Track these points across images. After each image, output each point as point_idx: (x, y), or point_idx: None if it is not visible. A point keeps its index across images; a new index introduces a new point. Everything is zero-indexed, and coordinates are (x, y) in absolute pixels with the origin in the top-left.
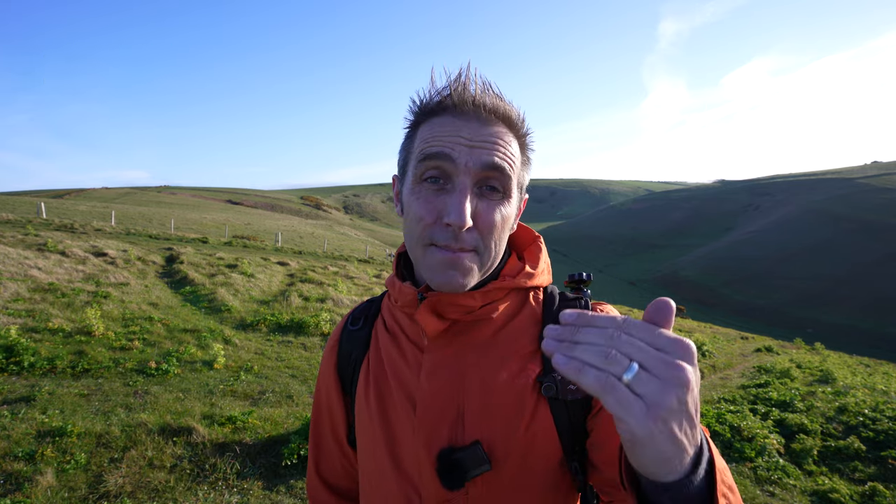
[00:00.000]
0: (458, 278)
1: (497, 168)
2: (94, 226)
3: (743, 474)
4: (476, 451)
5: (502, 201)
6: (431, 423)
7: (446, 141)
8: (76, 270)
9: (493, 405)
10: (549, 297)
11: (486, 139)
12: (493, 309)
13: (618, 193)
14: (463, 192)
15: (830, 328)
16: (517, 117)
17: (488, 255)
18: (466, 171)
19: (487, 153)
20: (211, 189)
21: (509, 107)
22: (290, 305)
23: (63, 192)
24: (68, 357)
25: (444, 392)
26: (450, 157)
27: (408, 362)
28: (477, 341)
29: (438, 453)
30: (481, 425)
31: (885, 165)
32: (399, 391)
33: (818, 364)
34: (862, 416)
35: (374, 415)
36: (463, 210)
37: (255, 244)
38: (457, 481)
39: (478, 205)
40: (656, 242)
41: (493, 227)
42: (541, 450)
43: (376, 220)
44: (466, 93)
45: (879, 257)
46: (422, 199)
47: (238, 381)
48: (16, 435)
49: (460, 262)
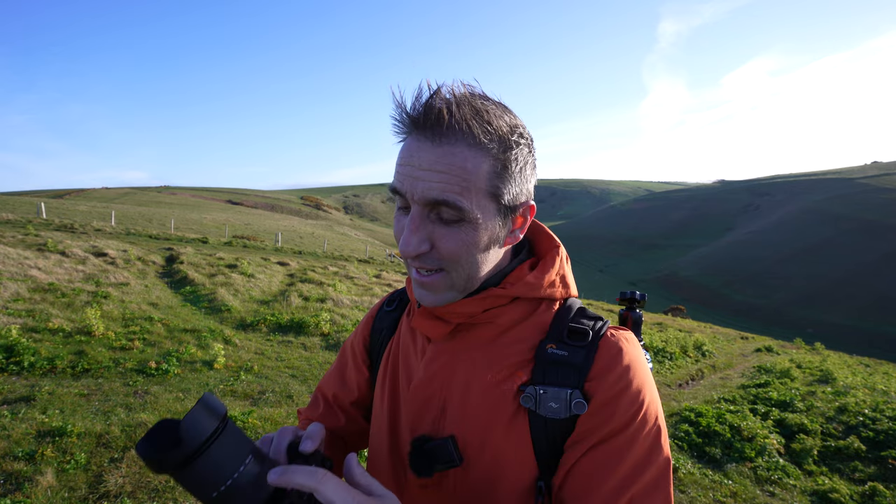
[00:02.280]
0: (429, 297)
1: (439, 198)
2: (94, 226)
3: (743, 474)
4: (446, 446)
5: (461, 226)
6: (417, 410)
7: (402, 171)
8: (76, 270)
9: (472, 404)
10: (564, 309)
11: (432, 166)
12: (496, 314)
13: (618, 193)
14: (412, 221)
15: (830, 328)
16: (486, 129)
17: (458, 275)
18: (415, 200)
19: (429, 183)
20: (211, 189)
21: (475, 118)
22: (290, 305)
23: (63, 192)
24: (68, 357)
25: (433, 383)
26: (400, 191)
27: (416, 351)
28: (478, 341)
29: (412, 440)
30: (459, 421)
31: (885, 165)
32: (405, 376)
33: (818, 364)
34: (862, 416)
35: (386, 394)
36: (408, 241)
37: (255, 244)
38: (424, 469)
39: (435, 231)
40: (656, 242)
41: (453, 252)
42: (513, 460)
43: (376, 221)
44: (421, 112)
45: (879, 257)
46: (396, 221)
47: (238, 381)
48: (16, 435)
49: (429, 283)
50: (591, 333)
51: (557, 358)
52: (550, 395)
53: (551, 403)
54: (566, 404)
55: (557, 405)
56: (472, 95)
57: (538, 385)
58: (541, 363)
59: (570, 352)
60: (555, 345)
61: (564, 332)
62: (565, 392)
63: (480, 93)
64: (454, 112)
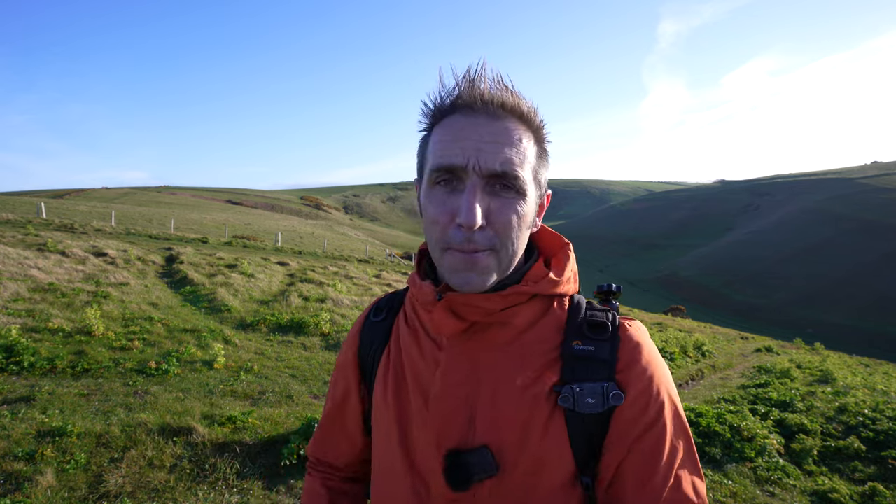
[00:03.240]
0: (476, 279)
1: (505, 168)
2: (94, 226)
3: (743, 474)
4: (483, 455)
5: (517, 199)
6: (442, 421)
7: (455, 146)
8: (76, 270)
9: (505, 411)
10: (575, 305)
11: (494, 138)
12: (513, 313)
13: (618, 193)
14: (472, 191)
15: (830, 328)
16: (529, 110)
17: (506, 253)
18: (475, 172)
19: (495, 154)
20: (211, 189)
21: (520, 100)
22: (290, 305)
23: (63, 192)
24: (68, 357)
25: (457, 392)
26: (458, 164)
27: (425, 358)
28: (495, 344)
29: (446, 453)
30: (492, 430)
31: (885, 165)
32: (415, 386)
33: (818, 364)
34: (862, 416)
35: (391, 407)
36: (473, 210)
37: (255, 244)
38: (462, 483)
39: (490, 203)
40: (656, 242)
41: (508, 225)
42: (552, 461)
43: (376, 221)
44: (475, 90)
45: (879, 257)
46: (436, 201)
47: (238, 381)
48: (16, 435)
49: (477, 262)
50: (610, 326)
51: (585, 354)
52: (587, 391)
53: (588, 399)
54: (603, 398)
55: (594, 400)
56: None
57: (572, 383)
58: (569, 361)
59: (596, 346)
60: (580, 341)
61: (584, 326)
62: (601, 386)
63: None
64: (506, 93)
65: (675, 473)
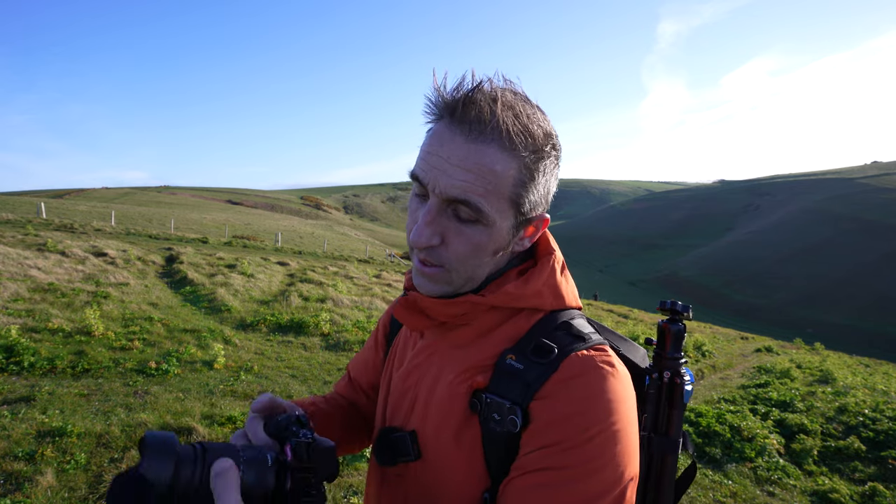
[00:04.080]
0: (429, 286)
1: (466, 196)
2: (94, 226)
3: (743, 474)
4: (405, 440)
5: (476, 227)
6: (395, 401)
7: (427, 160)
8: (76, 270)
9: (433, 403)
10: (544, 321)
11: (461, 163)
12: (473, 318)
13: (618, 193)
14: (428, 213)
15: (830, 328)
16: (521, 133)
17: (458, 276)
18: (434, 194)
19: (455, 179)
20: (211, 189)
21: (515, 121)
22: (290, 305)
23: (63, 192)
24: (68, 357)
25: (410, 377)
26: (422, 179)
27: (410, 344)
28: (457, 341)
29: (381, 429)
30: (421, 418)
31: (885, 165)
32: (397, 365)
33: (818, 364)
34: (862, 416)
35: (384, 381)
36: (420, 232)
37: (255, 244)
38: (387, 459)
39: (448, 227)
40: (656, 242)
41: (460, 252)
42: (464, 465)
43: (376, 221)
44: (458, 104)
45: (879, 257)
46: (410, 207)
47: (238, 381)
48: (16, 435)
49: (429, 274)
50: (557, 351)
51: (512, 370)
52: (494, 405)
53: (494, 415)
54: (504, 419)
55: (500, 417)
56: (514, 96)
57: (489, 393)
58: (497, 372)
59: (526, 366)
60: (515, 356)
61: (531, 346)
62: (506, 405)
63: (523, 94)
64: (496, 112)
65: None
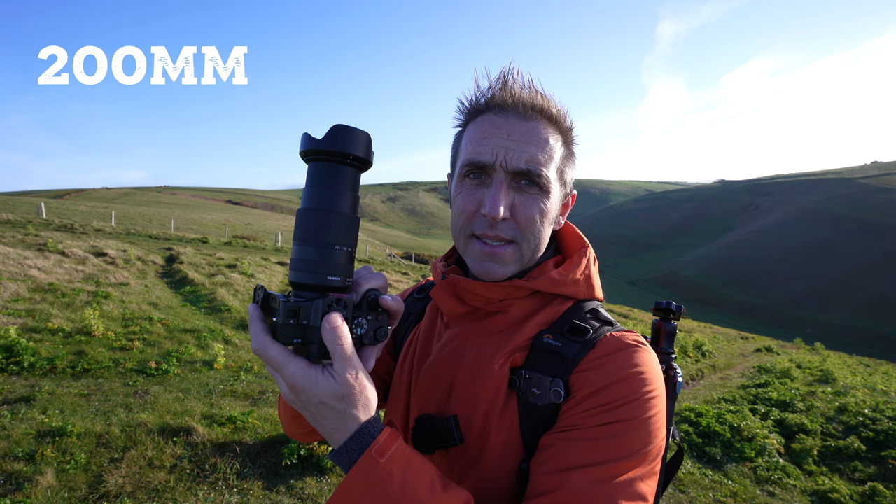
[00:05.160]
0: (497, 269)
1: (530, 166)
2: (94, 226)
3: (743, 474)
4: (448, 425)
5: (540, 196)
6: (427, 389)
7: (485, 143)
8: (76, 270)
9: (475, 386)
10: (576, 307)
11: (522, 137)
12: (511, 304)
13: (618, 193)
14: (498, 186)
15: (830, 328)
16: (558, 112)
17: (528, 246)
18: (502, 168)
19: (521, 152)
20: (211, 189)
21: (550, 102)
22: None
23: (63, 193)
24: (68, 357)
25: (444, 364)
26: (486, 161)
27: (432, 334)
28: (490, 329)
29: (417, 418)
30: (462, 402)
31: (885, 165)
32: (422, 358)
33: (818, 364)
34: (862, 416)
35: (405, 374)
36: (497, 202)
37: (255, 244)
38: (426, 447)
39: (515, 199)
40: (656, 242)
41: (529, 220)
42: (504, 441)
43: (376, 220)
44: (507, 91)
45: (879, 257)
46: (464, 192)
47: (238, 381)
48: (16, 435)
49: (498, 254)
50: (592, 332)
51: (551, 347)
52: (534, 381)
53: (534, 389)
54: (547, 392)
55: (539, 391)
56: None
57: (527, 370)
58: (534, 350)
59: (564, 344)
60: (552, 336)
61: (566, 326)
62: (547, 380)
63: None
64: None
65: (585, 487)
